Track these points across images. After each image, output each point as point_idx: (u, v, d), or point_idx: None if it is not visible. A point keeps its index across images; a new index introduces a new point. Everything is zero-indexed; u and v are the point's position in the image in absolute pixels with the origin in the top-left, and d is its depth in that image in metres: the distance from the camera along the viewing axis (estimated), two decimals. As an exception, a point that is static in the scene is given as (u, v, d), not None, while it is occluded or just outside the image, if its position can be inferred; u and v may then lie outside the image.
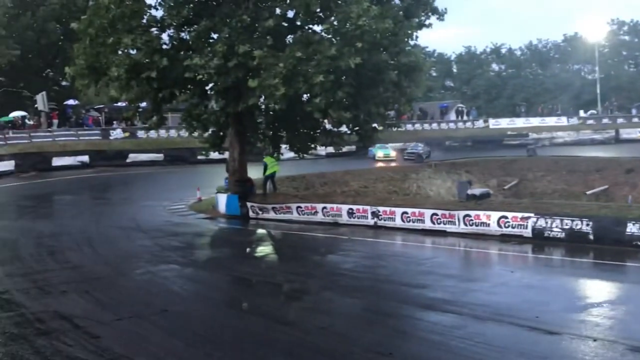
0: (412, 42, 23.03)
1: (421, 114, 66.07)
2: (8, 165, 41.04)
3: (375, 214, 21.41)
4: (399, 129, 31.32)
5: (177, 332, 10.22)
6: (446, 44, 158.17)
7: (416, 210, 20.51)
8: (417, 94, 25.71)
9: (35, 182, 36.16)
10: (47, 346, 9.51)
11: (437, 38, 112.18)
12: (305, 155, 28.34)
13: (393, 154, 48.43)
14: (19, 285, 13.58)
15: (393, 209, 21.17)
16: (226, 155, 28.31)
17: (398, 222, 20.76)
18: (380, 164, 44.43)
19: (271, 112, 25.26)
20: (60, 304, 11.98)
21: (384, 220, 21.15)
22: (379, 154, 47.67)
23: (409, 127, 59.17)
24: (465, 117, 69.80)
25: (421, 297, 11.96)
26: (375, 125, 25.44)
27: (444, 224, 19.59)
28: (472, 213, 19.09)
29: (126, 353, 9.03)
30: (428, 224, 19.95)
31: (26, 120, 49.74)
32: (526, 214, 18.03)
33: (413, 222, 20.37)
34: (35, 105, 49.47)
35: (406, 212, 20.68)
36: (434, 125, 65.44)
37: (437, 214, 19.85)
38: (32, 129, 47.63)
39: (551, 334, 9.55)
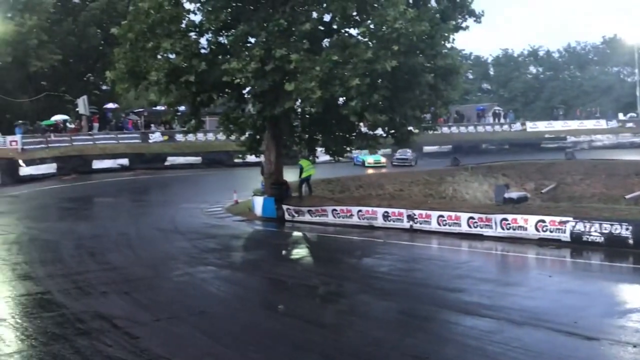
0: (448, 45, 22.89)
1: (458, 117, 65.65)
2: (50, 167, 41.87)
3: (411, 217, 21.36)
4: (435, 132, 31.17)
5: (214, 334, 10.34)
6: (483, 47, 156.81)
7: (452, 214, 20.40)
8: (454, 97, 25.54)
9: (76, 184, 36.86)
10: (87, 346, 9.69)
11: (473, 40, 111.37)
12: (340, 158, 28.40)
13: (383, 160, 46.16)
14: (60, 285, 13.82)
15: (429, 212, 21.10)
16: (262, 158, 28.50)
17: (434, 226, 20.67)
18: (370, 171, 42.95)
19: (307, 116, 25.38)
20: (100, 304, 12.17)
21: (420, 223, 21.09)
22: (369, 160, 45.13)
23: (445, 130, 58.82)
24: (502, 120, 69.14)
25: (457, 301, 11.91)
26: (411, 128, 25.36)
27: (481, 227, 19.47)
28: (510, 217, 18.93)
29: (165, 354, 9.16)
30: (464, 228, 19.84)
31: (67, 124, 50.67)
32: (564, 218, 17.82)
33: (449, 225, 20.27)
34: (77, 109, 50.40)
35: (442, 216, 20.58)
36: (471, 128, 64.95)
37: (473, 218, 19.73)
38: (73, 133, 48.49)
39: (589, 340, 9.45)
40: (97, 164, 44.02)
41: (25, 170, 40.71)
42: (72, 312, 11.75)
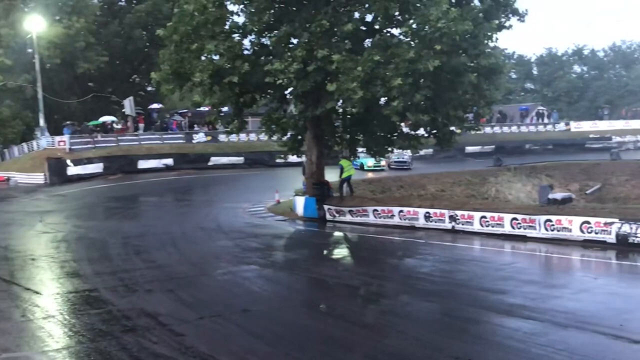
0: (491, 44, 22.67)
1: (500, 117, 64.89)
2: (97, 167, 42.76)
3: (452, 218, 21.23)
4: (477, 132, 30.90)
5: (257, 332, 10.45)
6: (526, 46, 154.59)
7: (495, 215, 20.20)
8: (497, 97, 25.29)
9: (122, 184, 37.57)
10: (133, 343, 9.88)
11: (517, 39, 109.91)
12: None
13: (383, 163, 43.90)
14: (107, 283, 14.10)
15: (471, 212, 20.92)
16: (303, 158, 28.65)
17: (476, 227, 20.50)
18: (369, 174, 40.83)
19: (348, 116, 25.43)
20: (145, 302, 12.39)
21: (462, 224, 20.94)
22: (369, 163, 43.07)
23: (488, 130, 58.22)
24: (545, 120, 68.11)
25: (501, 303, 11.80)
26: (453, 128, 25.20)
27: (524, 228, 19.24)
28: (554, 218, 18.65)
29: (208, 351, 9.29)
30: (507, 229, 19.63)
31: (114, 125, 51.67)
32: (610, 220, 17.47)
33: (492, 226, 20.08)
34: (123, 110, 51.35)
35: (485, 217, 20.40)
36: (514, 129, 64.15)
37: (517, 219, 19.50)
38: (119, 133, 49.43)
39: (636, 343, 9.30)
40: (142, 164, 44.75)
41: (73, 170, 41.65)
42: (119, 309, 12.00)
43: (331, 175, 27.47)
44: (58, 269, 16.23)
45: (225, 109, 28.19)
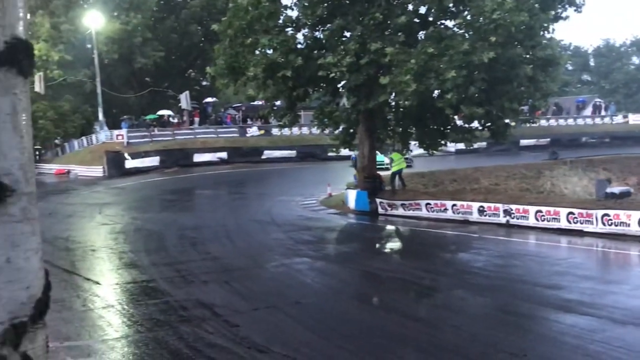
0: (548, 35, 22.30)
1: (556, 110, 63.53)
2: (153, 160, 43.64)
3: (507, 212, 20.95)
4: (533, 125, 30.39)
5: (310, 324, 10.58)
6: (583, 37, 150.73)
7: (551, 209, 19.86)
8: (553, 89, 24.81)
9: (177, 177, 38.27)
10: (189, 332, 10.13)
11: (573, 31, 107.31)
12: (434, 151, 28.17)
13: (387, 161, 37.12)
14: (164, 274, 14.46)
15: (526, 207, 20.62)
16: (354, 152, 28.68)
17: (531, 221, 20.19)
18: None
19: (401, 109, 25.33)
20: (201, 292, 12.65)
21: (517, 218, 20.65)
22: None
23: (543, 122, 57.08)
24: (602, 113, 66.37)
25: (556, 299, 11.63)
26: (508, 120, 24.85)
27: (581, 223, 18.86)
28: (612, 212, 18.24)
29: (263, 342, 9.44)
30: (564, 223, 19.28)
31: (170, 119, 52.62)
32: (671, 215, 17.03)
33: (547, 221, 19.75)
34: (179, 104, 52.25)
35: (540, 211, 20.08)
36: (570, 121, 62.77)
37: (573, 213, 19.13)
38: (175, 127, 50.32)
39: (699, 342, 9.08)
40: (197, 157, 45.48)
41: (130, 163, 42.60)
42: (176, 299, 12.29)
43: (383, 169, 27.43)
44: (117, 259, 16.68)
45: (278, 102, 28.43)
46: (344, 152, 31.37)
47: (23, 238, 1.68)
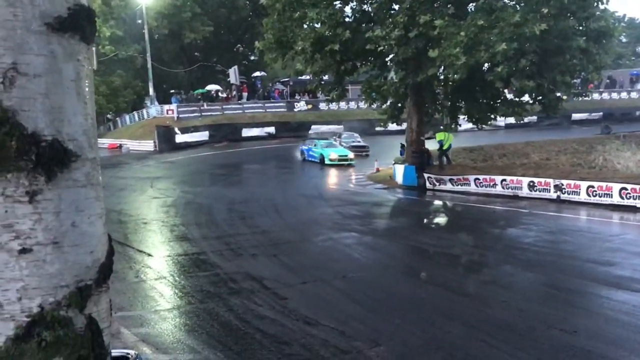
0: (601, 7, 21.68)
1: (609, 83, 61.76)
2: (203, 135, 44.13)
3: (558, 187, 20.62)
4: (585, 98, 29.74)
5: (358, 298, 10.67)
6: (638, 8, 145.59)
7: (603, 184, 19.50)
8: (606, 61, 24.17)
9: (226, 151, 38.66)
10: (239, 305, 10.32)
11: (628, 2, 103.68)
12: (483, 126, 27.81)
13: (351, 155, 33.76)
14: (214, 247, 14.71)
15: (578, 182, 20.28)
16: (403, 126, 28.48)
17: (583, 197, 19.86)
18: (333, 171, 31.69)
19: (450, 82, 25.01)
20: (250, 266, 12.84)
21: (568, 194, 20.32)
22: (332, 155, 32.83)
23: (596, 96, 55.60)
24: (657, 86, 64.29)
25: (608, 275, 11.46)
26: (559, 94, 24.36)
27: (634, 199, 18.47)
28: (667, 188, 17.84)
29: (311, 315, 9.58)
30: (616, 199, 18.91)
31: (219, 93, 53.02)
32: None
33: (599, 196, 19.40)
34: (228, 79, 52.57)
35: (592, 186, 19.72)
36: (623, 95, 60.94)
37: (626, 189, 18.74)
38: (224, 102, 50.70)
39: None
40: (246, 132, 45.79)
41: (180, 138, 43.16)
42: (225, 272, 12.52)
43: (431, 144, 27.21)
44: (168, 232, 17.02)
45: (326, 77, 28.40)
46: (392, 126, 31.21)
47: (87, 203, 1.72)
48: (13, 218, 1.56)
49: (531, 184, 21.56)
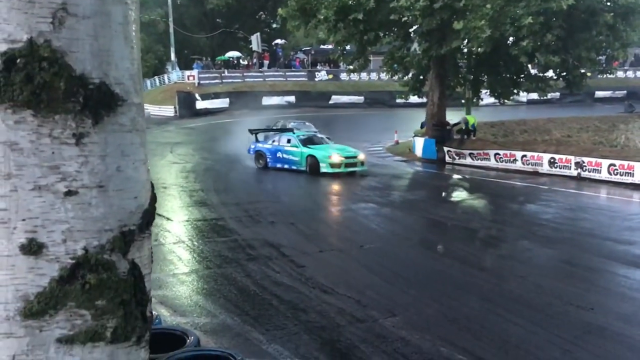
0: (630, -17, 21.32)
1: (635, 61, 60.63)
2: (223, 102, 44.11)
3: (579, 165, 20.46)
4: (609, 76, 29.41)
5: (374, 268, 10.74)
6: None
7: (625, 163, 19.32)
8: (633, 39, 23.81)
9: (246, 119, 38.61)
10: (256, 271, 10.42)
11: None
12: (506, 101, 27.57)
13: (362, 156, 21.74)
14: (232, 213, 14.84)
15: (599, 160, 20.10)
16: (423, 99, 28.28)
17: (604, 175, 19.70)
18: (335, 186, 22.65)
19: (474, 56, 24.75)
20: (269, 233, 12.93)
21: (589, 171, 20.17)
22: (335, 157, 20.75)
23: (620, 74, 54.61)
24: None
25: (627, 254, 11.39)
26: (584, 70, 24.07)
27: (656, 179, 18.32)
28: (691, 169, 17.65)
29: (328, 283, 9.65)
30: (638, 178, 18.73)
31: (240, 61, 52.84)
32: None
33: (621, 175, 19.23)
34: (250, 46, 52.33)
35: (614, 164, 19.55)
36: (648, 72, 59.90)
37: (648, 168, 18.59)
38: (245, 69, 50.56)
39: None
40: (266, 101, 45.65)
41: (201, 104, 43.20)
42: (244, 238, 12.62)
43: (452, 116, 27.03)
44: (187, 197, 17.17)
45: (348, 47, 28.20)
46: (413, 99, 31.01)
47: (132, 148, 1.75)
48: (60, 160, 1.58)
49: (552, 160, 21.40)
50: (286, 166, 21.26)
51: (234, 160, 24.14)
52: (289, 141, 21.66)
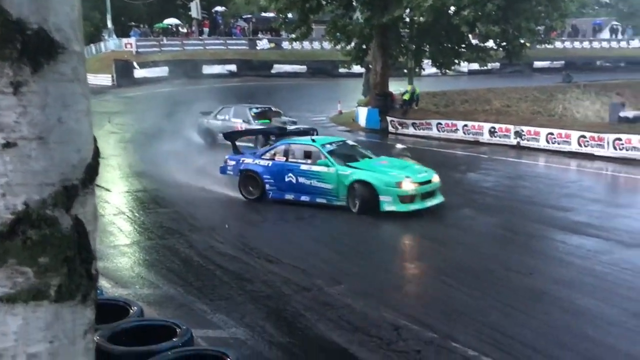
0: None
1: (572, 32, 62.01)
2: (162, 71, 43.05)
3: (518, 134, 20.85)
4: (548, 46, 29.93)
5: (319, 238, 11.00)
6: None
7: (562, 132, 19.77)
8: (571, 9, 24.24)
9: (186, 88, 37.88)
10: (200, 241, 10.37)
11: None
12: (447, 71, 27.79)
13: (436, 176, 13.06)
14: (174, 183, 14.55)
15: (537, 129, 20.51)
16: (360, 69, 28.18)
17: (542, 143, 20.13)
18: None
19: (416, 25, 24.82)
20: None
21: (527, 140, 20.59)
22: (407, 184, 11.95)
23: (558, 44, 55.76)
24: (619, 36, 64.87)
25: (564, 220, 11.69)
26: (523, 41, 24.42)
27: (592, 147, 18.78)
28: (624, 137, 18.15)
29: (272, 253, 9.71)
30: (574, 147, 19.21)
31: (179, 28, 51.69)
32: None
33: (558, 143, 19.68)
34: (189, 13, 51.16)
35: (551, 133, 19.98)
36: (585, 44, 61.35)
37: (585, 136, 19.04)
38: (184, 37, 49.52)
39: None
40: (206, 69, 44.84)
41: (139, 73, 42.16)
42: (186, 209, 12.47)
43: (394, 87, 27.09)
44: (127, 168, 16.86)
45: (290, 15, 27.84)
46: (356, 69, 30.95)
47: (74, 99, 1.66)
48: None
49: (492, 129, 21.74)
50: (305, 198, 12.77)
51: (175, 130, 23.69)
52: (308, 155, 12.97)
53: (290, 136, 15.00)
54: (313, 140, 13.48)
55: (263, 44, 49.77)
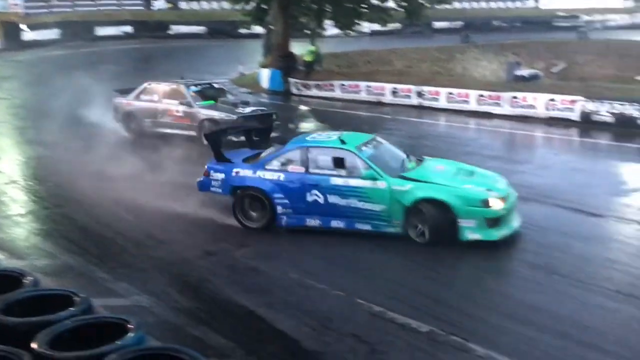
0: None
1: (471, -8, 63.44)
2: (53, 33, 40.91)
3: (419, 94, 21.16)
4: (447, 6, 30.40)
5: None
6: None
7: (462, 91, 20.22)
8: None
9: (80, 51, 36.23)
10: (100, 208, 9.92)
11: None
12: (349, 32, 27.77)
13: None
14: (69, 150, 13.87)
15: (438, 89, 20.90)
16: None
17: (442, 103, 20.56)
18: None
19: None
20: (110, 168, 12.32)
21: (428, 100, 20.93)
22: (495, 200, 8.70)
23: (457, 5, 56.84)
24: (515, -4, 66.96)
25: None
26: (422, 1, 24.68)
27: (490, 105, 19.33)
28: (519, 95, 18.80)
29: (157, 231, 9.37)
30: (473, 105, 19.73)
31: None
32: (575, 97, 17.65)
33: (458, 102, 20.15)
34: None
35: (451, 93, 20.42)
36: (483, 4, 62.96)
37: (483, 95, 19.57)
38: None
39: (595, 216, 9.72)
40: (100, 31, 43.07)
41: (28, 35, 39.95)
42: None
43: (297, 49, 26.83)
44: (18, 135, 16.11)
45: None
46: (258, 29, 30.40)
47: None
48: None
49: (394, 90, 21.95)
50: (339, 224, 9.15)
51: (69, 95, 22.60)
52: (339, 163, 9.27)
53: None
54: (342, 142, 9.41)
55: (160, 3, 48.20)
